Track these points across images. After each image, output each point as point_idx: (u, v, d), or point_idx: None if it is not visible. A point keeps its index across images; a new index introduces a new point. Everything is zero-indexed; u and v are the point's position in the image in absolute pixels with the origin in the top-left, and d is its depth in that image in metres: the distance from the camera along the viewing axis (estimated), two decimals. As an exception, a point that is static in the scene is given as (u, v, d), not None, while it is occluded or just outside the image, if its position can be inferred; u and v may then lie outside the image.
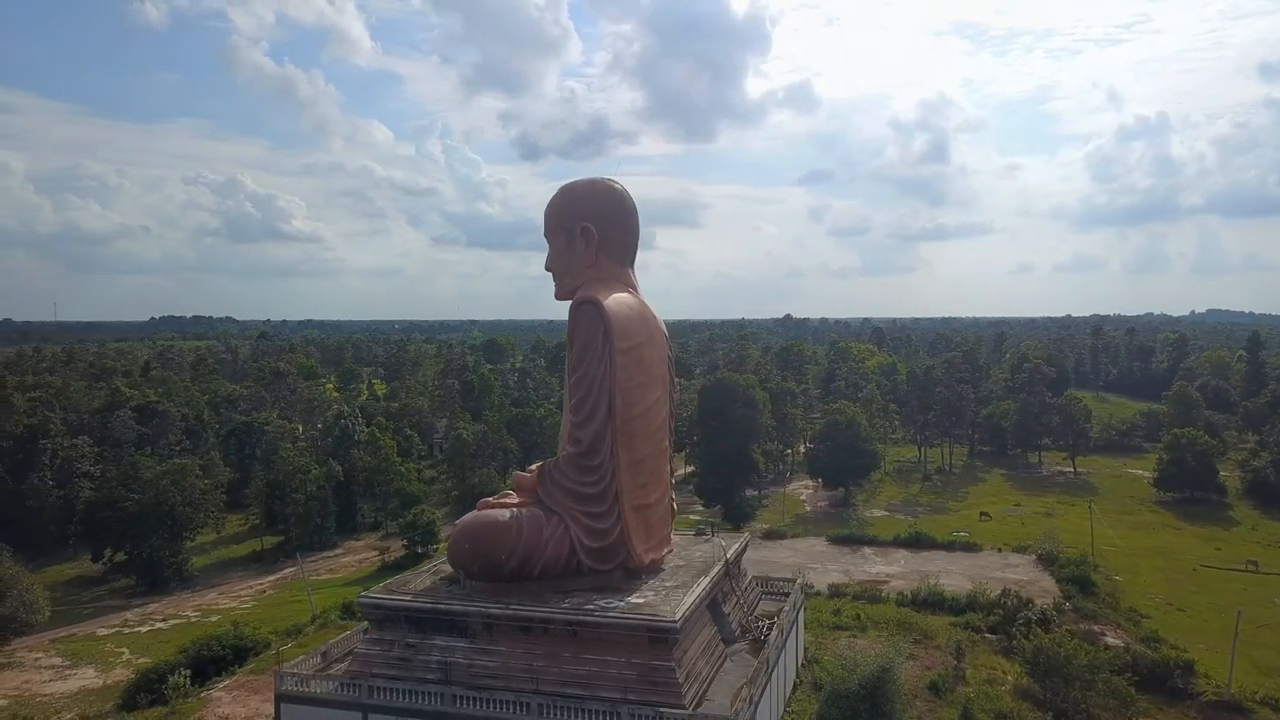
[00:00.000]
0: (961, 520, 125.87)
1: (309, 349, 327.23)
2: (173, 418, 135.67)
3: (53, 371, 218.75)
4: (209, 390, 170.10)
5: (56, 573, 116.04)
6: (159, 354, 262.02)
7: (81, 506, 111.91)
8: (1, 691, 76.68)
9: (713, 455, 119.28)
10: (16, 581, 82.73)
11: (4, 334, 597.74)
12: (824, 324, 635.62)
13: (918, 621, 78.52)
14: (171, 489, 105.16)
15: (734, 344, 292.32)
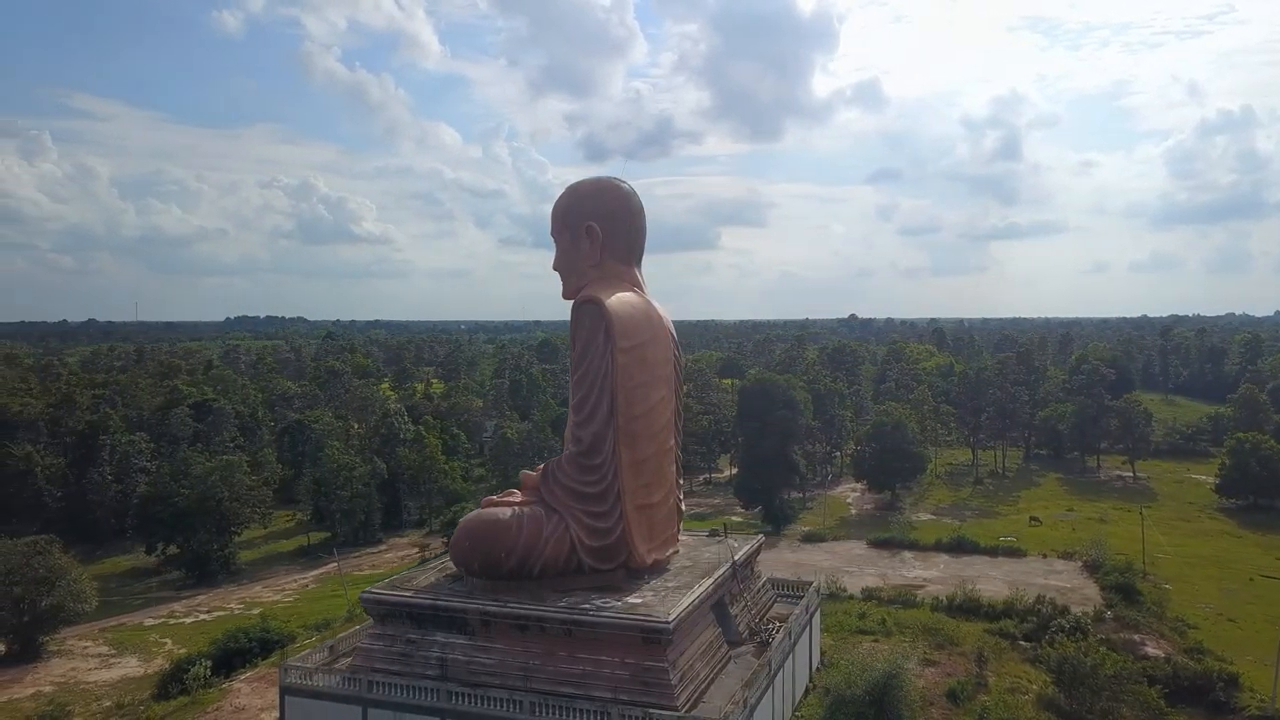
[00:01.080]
0: (1010, 525, 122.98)
1: (370, 349, 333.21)
2: (228, 415, 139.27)
3: (125, 370, 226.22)
4: (265, 388, 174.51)
5: (113, 564, 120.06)
6: (224, 353, 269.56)
7: (136, 501, 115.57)
8: (49, 678, 79.47)
9: (752, 456, 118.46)
10: (65, 572, 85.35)
11: (88, 333, 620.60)
12: (889, 324, 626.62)
13: (949, 627, 76.93)
14: (219, 485, 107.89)
15: (791, 344, 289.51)
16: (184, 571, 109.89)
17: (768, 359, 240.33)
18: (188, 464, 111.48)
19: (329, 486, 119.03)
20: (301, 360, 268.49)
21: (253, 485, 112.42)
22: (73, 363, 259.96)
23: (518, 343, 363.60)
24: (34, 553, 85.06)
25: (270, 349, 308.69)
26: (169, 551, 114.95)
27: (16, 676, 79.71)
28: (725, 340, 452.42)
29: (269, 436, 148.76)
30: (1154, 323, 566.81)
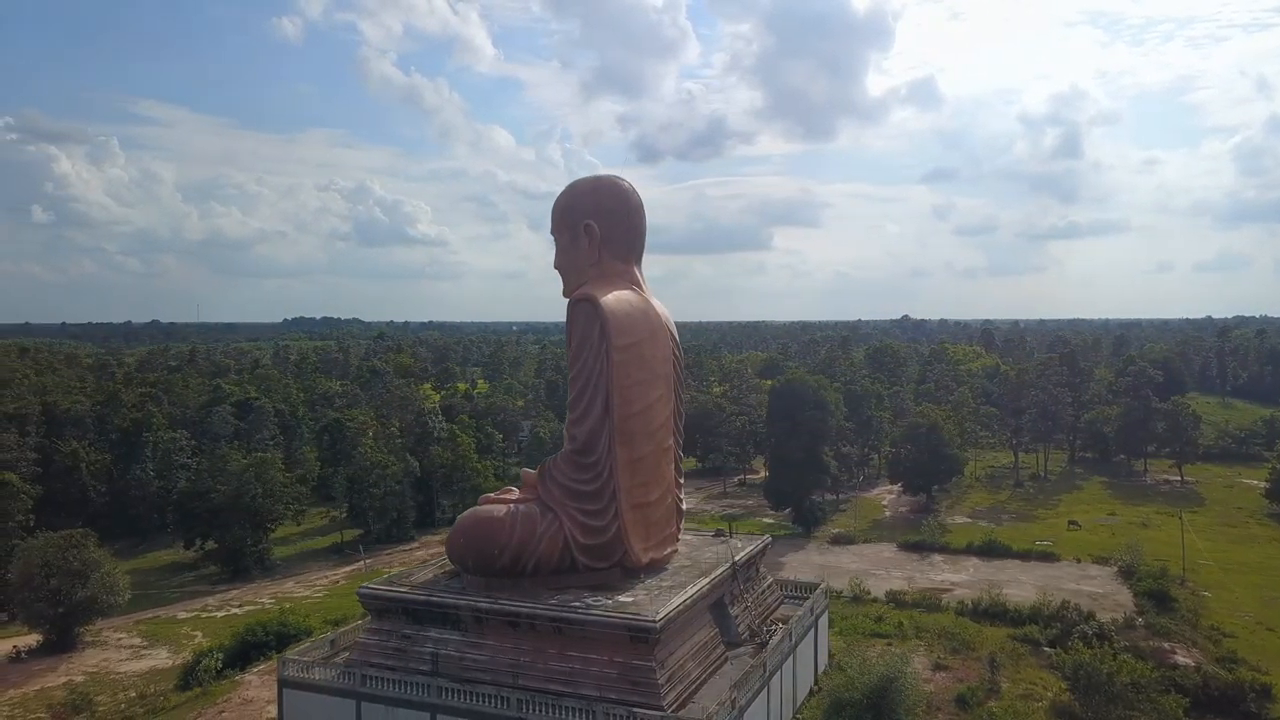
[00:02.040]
0: (1048, 529, 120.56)
1: (419, 349, 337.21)
2: (267, 413, 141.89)
3: (178, 369, 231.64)
4: (308, 388, 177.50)
5: (154, 558, 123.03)
6: (275, 353, 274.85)
7: (175, 496, 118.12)
8: (82, 668, 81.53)
9: (782, 457, 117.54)
10: (98, 565, 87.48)
11: (151, 334, 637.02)
12: (943, 325, 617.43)
13: (970, 632, 75.68)
14: (253, 481, 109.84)
15: (836, 345, 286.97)
16: (219, 566, 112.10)
17: (812, 360, 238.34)
18: (224, 461, 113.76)
19: (362, 484, 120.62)
20: (349, 360, 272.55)
21: (286, 482, 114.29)
22: (130, 363, 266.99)
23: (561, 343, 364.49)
24: (69, 546, 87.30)
25: (319, 349, 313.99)
26: (207, 546, 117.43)
27: (51, 665, 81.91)
28: (773, 341, 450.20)
29: (309, 435, 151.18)
30: (1217, 324, 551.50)
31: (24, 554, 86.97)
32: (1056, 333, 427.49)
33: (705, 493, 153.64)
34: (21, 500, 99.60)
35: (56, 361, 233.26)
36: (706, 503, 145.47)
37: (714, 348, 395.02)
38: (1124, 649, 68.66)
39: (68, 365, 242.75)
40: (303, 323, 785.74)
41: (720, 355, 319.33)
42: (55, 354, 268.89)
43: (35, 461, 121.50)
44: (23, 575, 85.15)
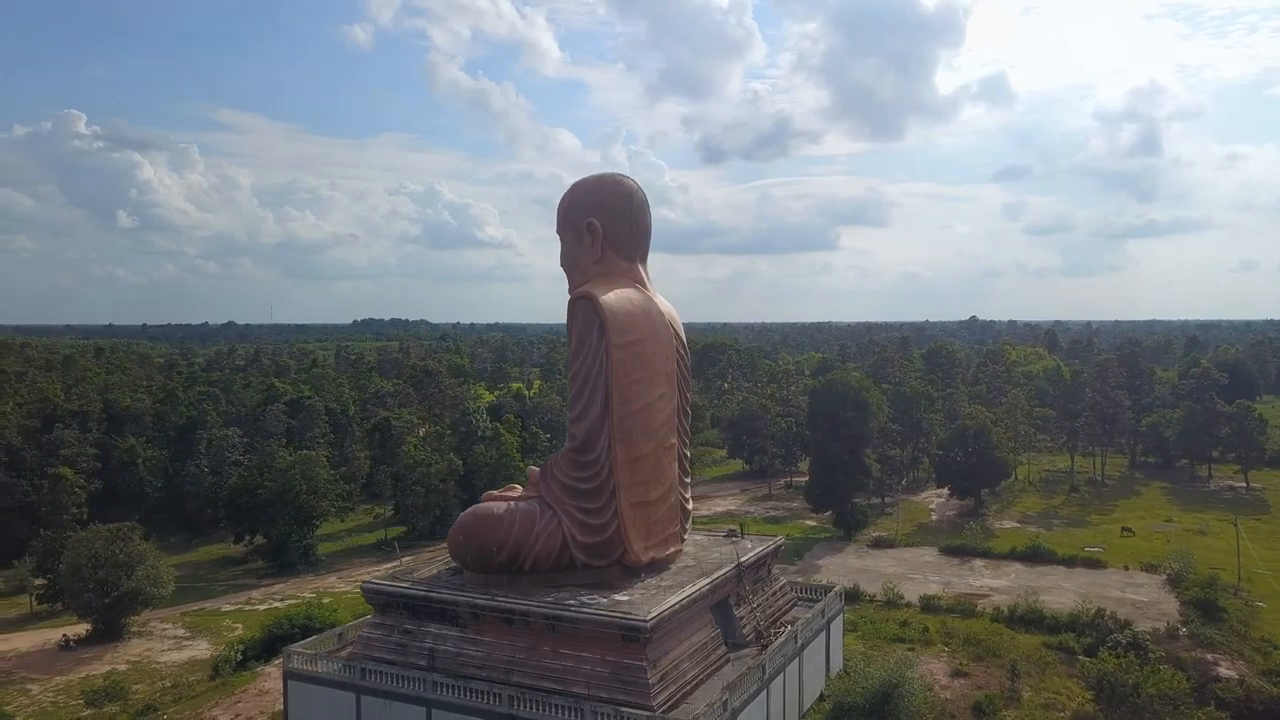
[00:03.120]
0: (1099, 535, 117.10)
1: (479, 349, 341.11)
2: (318, 411, 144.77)
3: (242, 369, 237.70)
4: (361, 387, 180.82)
5: (206, 552, 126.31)
6: (336, 353, 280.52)
7: (225, 492, 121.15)
8: (125, 657, 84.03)
9: (823, 459, 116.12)
10: (143, 558, 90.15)
11: (226, 334, 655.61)
12: (1011, 326, 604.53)
13: (1002, 639, 73.90)
14: (298, 478, 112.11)
15: (896, 346, 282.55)
16: (266, 561, 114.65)
17: (866, 361, 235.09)
18: (272, 458, 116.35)
19: (406, 482, 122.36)
20: (408, 361, 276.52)
21: (330, 479, 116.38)
22: (199, 362, 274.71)
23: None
24: (116, 539, 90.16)
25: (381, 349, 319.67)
26: (255, 541, 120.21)
27: (97, 654, 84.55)
28: (836, 342, 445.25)
29: (360, 433, 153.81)
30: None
31: (74, 546, 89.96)
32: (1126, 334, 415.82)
33: (750, 494, 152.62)
34: (75, 494, 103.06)
35: (127, 361, 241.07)
36: (750, 504, 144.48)
37: (774, 349, 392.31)
38: (1160, 659, 66.41)
39: (139, 365, 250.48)
40: (371, 324, 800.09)
41: (777, 356, 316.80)
42: (129, 354, 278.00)
43: (95, 457, 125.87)
44: (72, 566, 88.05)
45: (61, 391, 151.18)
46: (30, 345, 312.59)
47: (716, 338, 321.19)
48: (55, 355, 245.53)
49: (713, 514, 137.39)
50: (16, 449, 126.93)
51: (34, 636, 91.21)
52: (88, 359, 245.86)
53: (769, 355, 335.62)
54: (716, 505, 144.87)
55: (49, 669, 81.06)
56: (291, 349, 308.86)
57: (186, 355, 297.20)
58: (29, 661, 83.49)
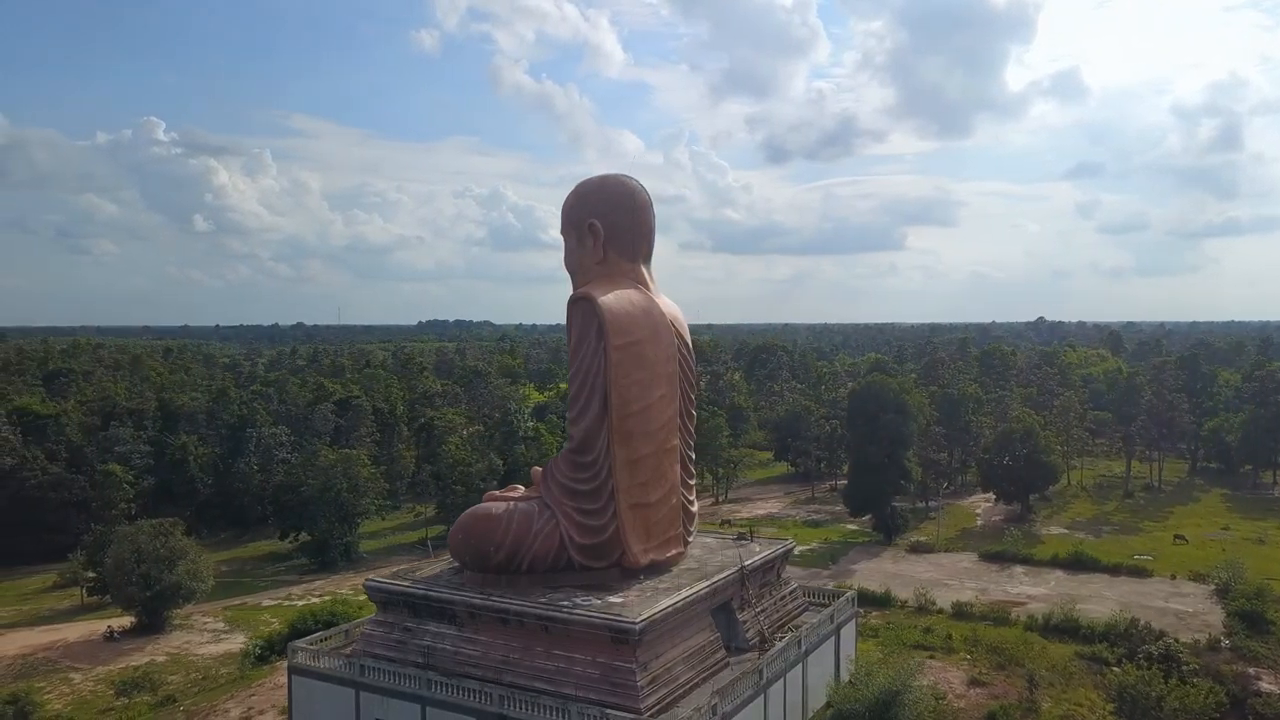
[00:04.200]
0: (1151, 542, 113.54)
1: (535, 350, 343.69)
2: (365, 411, 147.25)
3: (302, 369, 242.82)
4: (411, 387, 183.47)
5: (254, 548, 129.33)
6: (394, 353, 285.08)
7: (271, 489, 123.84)
8: (165, 649, 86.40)
9: (861, 463, 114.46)
10: (184, 553, 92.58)
11: (294, 335, 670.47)
12: (1080, 328, 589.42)
13: (1035, 648, 71.95)
14: (340, 477, 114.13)
15: (955, 347, 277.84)
16: (309, 558, 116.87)
17: (922, 362, 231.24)
18: (315, 456, 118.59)
19: (447, 481, 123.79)
20: (464, 361, 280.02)
21: (371, 478, 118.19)
22: (262, 362, 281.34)
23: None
24: (159, 533, 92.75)
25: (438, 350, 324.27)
26: (300, 538, 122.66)
27: (139, 646, 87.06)
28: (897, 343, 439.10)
29: (407, 433, 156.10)
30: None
31: (119, 540, 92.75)
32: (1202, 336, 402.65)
33: (794, 497, 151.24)
34: (124, 490, 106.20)
35: (191, 362, 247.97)
36: (793, 508, 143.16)
37: (833, 350, 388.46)
38: (1194, 672, 64.13)
39: (204, 365, 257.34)
40: (435, 325, 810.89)
41: (835, 357, 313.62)
42: (195, 355, 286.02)
43: (148, 454, 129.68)
44: (116, 560, 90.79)
45: (122, 390, 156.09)
46: (104, 346, 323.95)
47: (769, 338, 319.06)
48: (124, 355, 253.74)
49: (753, 517, 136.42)
50: (77, 446, 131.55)
51: (82, 627, 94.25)
52: (155, 359, 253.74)
53: (827, 356, 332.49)
54: (758, 508, 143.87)
55: (92, 659, 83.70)
56: (351, 350, 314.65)
57: (251, 356, 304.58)
58: (74, 651, 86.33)
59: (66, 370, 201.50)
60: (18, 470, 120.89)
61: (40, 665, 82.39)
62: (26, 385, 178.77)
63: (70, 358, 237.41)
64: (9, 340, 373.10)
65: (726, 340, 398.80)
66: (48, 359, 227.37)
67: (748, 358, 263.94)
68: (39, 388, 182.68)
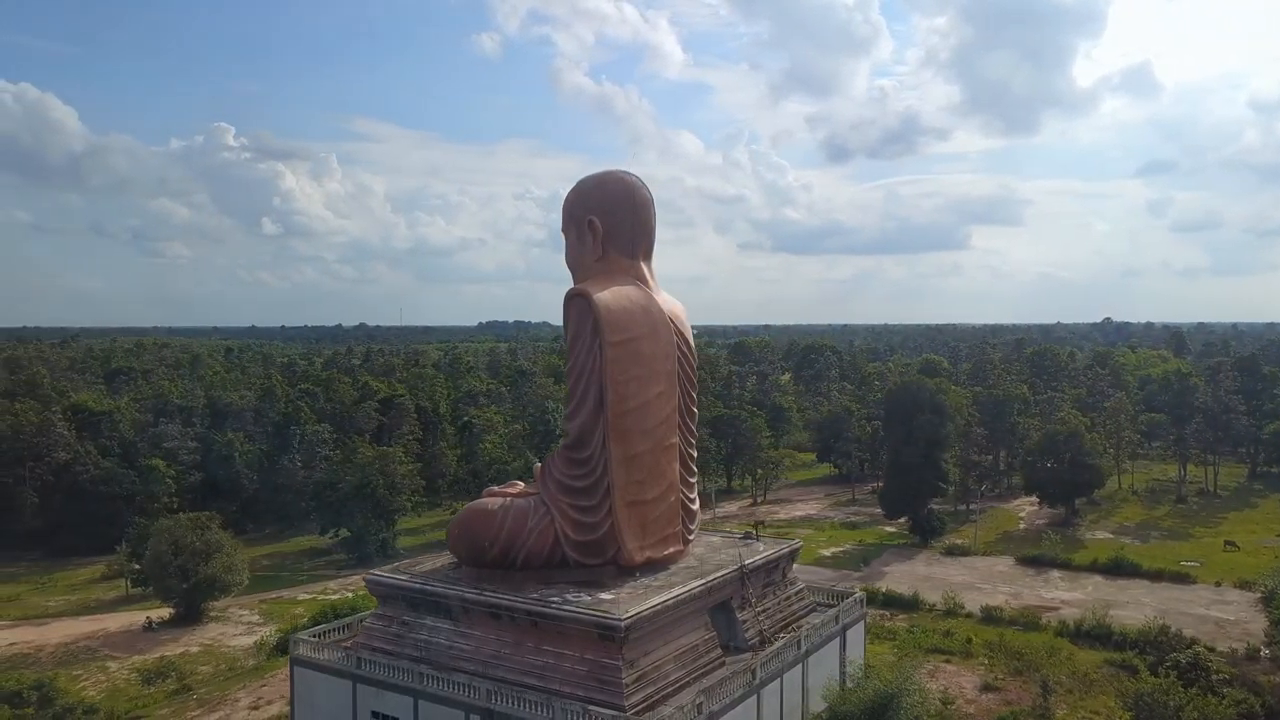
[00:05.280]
0: (1200, 548, 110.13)
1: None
2: (408, 409, 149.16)
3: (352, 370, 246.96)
4: (457, 386, 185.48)
5: (296, 543, 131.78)
6: (445, 353, 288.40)
7: (311, 486, 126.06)
8: (199, 640, 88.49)
9: (897, 464, 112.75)
10: (220, 547, 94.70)
11: (356, 336, 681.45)
12: (1149, 329, 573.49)
13: (1063, 655, 70.30)
14: (377, 474, 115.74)
15: (1011, 348, 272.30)
16: (347, 553, 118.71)
17: (973, 363, 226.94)
18: (353, 453, 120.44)
19: (484, 479, 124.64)
20: (515, 361, 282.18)
21: (408, 475, 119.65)
22: (319, 362, 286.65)
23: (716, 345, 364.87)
24: (195, 527, 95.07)
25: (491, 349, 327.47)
26: (341, 534, 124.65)
27: (175, 636, 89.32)
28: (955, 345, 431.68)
29: (450, 431, 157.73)
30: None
31: (157, 533, 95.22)
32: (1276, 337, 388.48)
33: (834, 499, 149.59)
34: (166, 484, 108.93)
35: (250, 361, 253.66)
36: (832, 509, 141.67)
37: (889, 351, 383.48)
38: (1226, 681, 61.98)
39: (264, 364, 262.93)
40: (495, 326, 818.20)
41: (889, 359, 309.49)
42: (254, 354, 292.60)
43: (195, 450, 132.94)
44: (155, 552, 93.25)
45: (176, 388, 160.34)
46: (169, 345, 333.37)
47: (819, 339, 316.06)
48: (185, 355, 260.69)
49: (791, 519, 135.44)
50: (129, 441, 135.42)
51: (124, 618, 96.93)
52: (216, 359, 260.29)
53: (881, 357, 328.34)
54: (796, 510, 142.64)
55: (130, 648, 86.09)
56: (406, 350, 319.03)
57: (309, 355, 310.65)
58: (114, 641, 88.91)
59: (127, 369, 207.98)
60: (71, 465, 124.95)
61: (80, 653, 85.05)
62: (87, 383, 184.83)
63: (134, 357, 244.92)
64: (80, 340, 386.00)
65: (781, 341, 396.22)
66: (110, 358, 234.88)
67: (796, 358, 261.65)
68: (100, 385, 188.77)
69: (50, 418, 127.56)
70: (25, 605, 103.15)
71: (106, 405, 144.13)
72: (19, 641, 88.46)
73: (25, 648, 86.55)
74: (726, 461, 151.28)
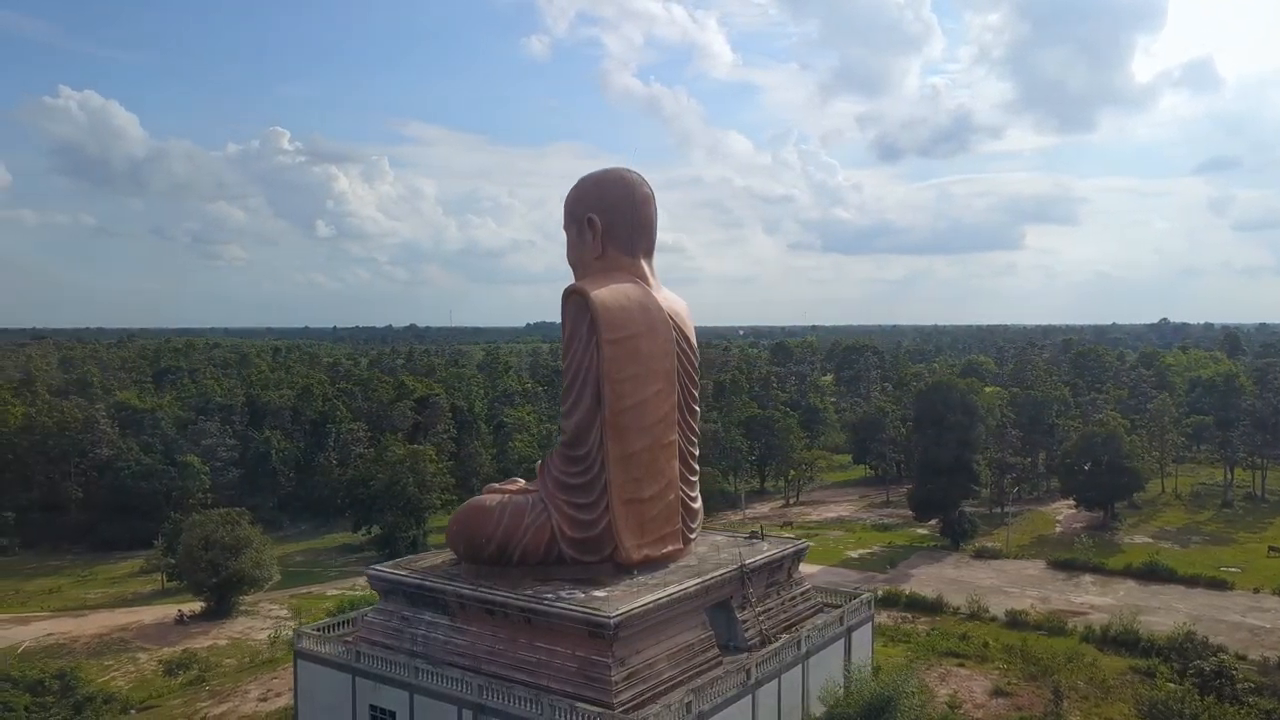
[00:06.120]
0: (1242, 554, 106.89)
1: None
2: (442, 409, 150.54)
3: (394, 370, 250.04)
4: (495, 386, 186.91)
5: (330, 539, 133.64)
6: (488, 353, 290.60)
7: (344, 483, 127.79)
8: (227, 633, 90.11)
9: (928, 465, 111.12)
10: (249, 542, 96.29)
11: (406, 337, 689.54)
12: (1207, 329, 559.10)
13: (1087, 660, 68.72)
14: (407, 472, 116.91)
15: (1058, 349, 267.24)
16: (377, 550, 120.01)
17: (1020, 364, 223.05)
18: (385, 450, 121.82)
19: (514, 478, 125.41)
20: (557, 361, 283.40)
21: (437, 473, 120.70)
22: (364, 361, 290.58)
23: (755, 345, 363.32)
24: (225, 523, 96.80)
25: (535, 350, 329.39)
26: (374, 531, 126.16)
27: (205, 630, 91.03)
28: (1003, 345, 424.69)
29: (486, 430, 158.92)
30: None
31: (189, 528, 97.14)
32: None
33: (868, 500, 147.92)
34: (200, 480, 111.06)
35: (296, 361, 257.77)
36: (865, 511, 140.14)
37: (937, 352, 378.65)
38: (1253, 690, 60.17)
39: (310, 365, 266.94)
40: (542, 327, 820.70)
41: (934, 360, 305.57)
42: (301, 355, 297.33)
43: (234, 447, 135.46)
44: (186, 547, 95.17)
45: (219, 387, 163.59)
46: (220, 346, 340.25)
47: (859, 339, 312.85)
48: (234, 355, 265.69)
49: (823, 520, 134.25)
50: (171, 438, 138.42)
51: (158, 610, 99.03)
52: (264, 359, 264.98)
53: (927, 358, 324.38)
54: (829, 511, 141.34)
55: (161, 640, 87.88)
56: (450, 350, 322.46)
57: (354, 355, 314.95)
58: (146, 633, 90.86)
59: (175, 368, 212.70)
60: (114, 461, 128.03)
61: (113, 644, 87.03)
62: (135, 381, 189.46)
63: (183, 356, 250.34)
64: (136, 340, 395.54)
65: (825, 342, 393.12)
66: (159, 357, 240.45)
67: (836, 359, 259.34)
68: (149, 384, 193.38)
69: (94, 415, 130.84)
70: (65, 597, 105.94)
71: (150, 403, 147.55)
72: (56, 632, 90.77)
73: (61, 638, 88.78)
74: (759, 463, 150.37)
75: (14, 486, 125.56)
